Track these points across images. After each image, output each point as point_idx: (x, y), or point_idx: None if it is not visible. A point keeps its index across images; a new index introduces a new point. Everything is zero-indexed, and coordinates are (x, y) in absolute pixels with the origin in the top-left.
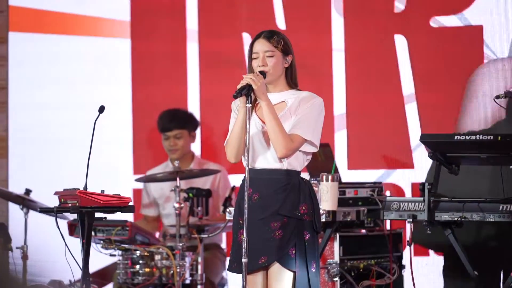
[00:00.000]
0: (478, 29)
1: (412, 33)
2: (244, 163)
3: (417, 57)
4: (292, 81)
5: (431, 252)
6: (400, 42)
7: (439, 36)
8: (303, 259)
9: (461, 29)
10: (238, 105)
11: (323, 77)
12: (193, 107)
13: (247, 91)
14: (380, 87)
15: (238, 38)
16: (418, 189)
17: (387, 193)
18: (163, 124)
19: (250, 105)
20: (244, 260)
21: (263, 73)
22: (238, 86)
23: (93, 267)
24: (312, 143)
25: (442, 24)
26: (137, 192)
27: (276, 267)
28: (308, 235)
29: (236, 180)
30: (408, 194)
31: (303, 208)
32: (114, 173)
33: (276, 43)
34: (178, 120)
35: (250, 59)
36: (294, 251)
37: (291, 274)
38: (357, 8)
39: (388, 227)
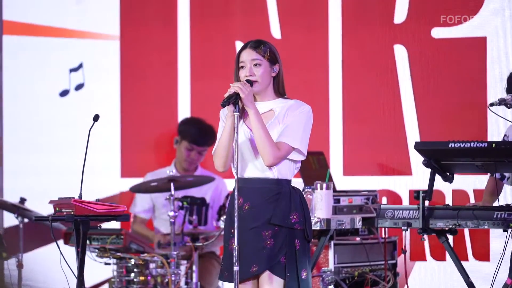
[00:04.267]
0: (482, 40)
1: (412, 43)
2: (234, 172)
3: (417, 67)
4: (279, 90)
5: (428, 256)
6: (400, 52)
7: (440, 47)
8: (293, 267)
9: (463, 40)
10: (226, 114)
11: (319, 85)
12: (184, 114)
13: (234, 99)
14: (378, 96)
15: (231, 46)
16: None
17: (384, 199)
18: (194, 136)
19: (238, 113)
20: (235, 268)
21: (250, 82)
22: (226, 95)
23: (88, 276)
24: (299, 151)
25: (443, 35)
26: (124, 195)
27: (266, 276)
28: (299, 244)
29: (230, 185)
30: (406, 201)
31: (294, 217)
32: (102, 177)
33: (263, 52)
34: (210, 138)
35: (237, 68)
36: (284, 259)
37: (281, 281)
38: (355, 17)
39: (384, 234)
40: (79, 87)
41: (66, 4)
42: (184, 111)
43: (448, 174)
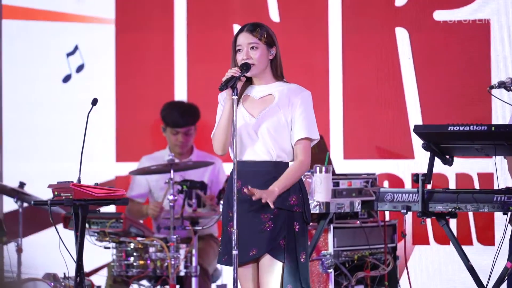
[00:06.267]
0: (486, 23)
1: (414, 26)
2: (232, 155)
3: (419, 50)
4: (278, 73)
5: (431, 240)
6: (401, 35)
7: (443, 30)
8: (292, 250)
9: (467, 23)
10: (224, 98)
11: (319, 68)
12: (180, 98)
13: (232, 83)
14: (379, 79)
15: (229, 30)
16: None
17: (386, 183)
18: (174, 119)
19: (236, 97)
20: (234, 252)
21: (247, 65)
22: (224, 79)
23: (87, 260)
24: (316, 138)
25: (446, 17)
26: (120, 179)
27: (266, 259)
28: (298, 226)
29: (228, 169)
30: (408, 184)
31: (293, 199)
32: (97, 161)
33: (260, 35)
34: (191, 116)
35: (234, 52)
36: (284, 242)
37: (280, 264)
38: (356, 0)
39: (387, 217)
40: (79, 68)
41: None
42: (180, 94)
43: (448, 157)
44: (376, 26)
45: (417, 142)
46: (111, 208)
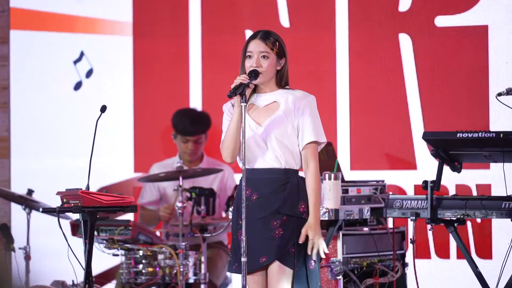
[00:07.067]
0: (483, 29)
1: (416, 32)
2: (240, 164)
3: (421, 56)
4: (281, 83)
5: (433, 254)
6: (405, 41)
7: (444, 36)
8: (301, 257)
9: (466, 29)
10: (229, 108)
11: (326, 75)
12: (195, 105)
13: (241, 90)
14: (383, 86)
15: (241, 36)
16: (421, 190)
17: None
18: (184, 127)
19: (245, 104)
20: (243, 259)
21: (256, 72)
22: (232, 86)
23: (96, 267)
24: (324, 141)
25: (447, 23)
26: (137, 190)
27: (275, 266)
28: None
29: (238, 178)
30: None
31: (302, 206)
32: (115, 171)
33: (272, 45)
34: (201, 124)
35: (244, 57)
36: (293, 249)
37: (290, 271)
38: (361, 6)
39: (391, 224)
40: (89, 73)
41: None
42: (195, 102)
43: (456, 164)
44: (381, 32)
45: (419, 153)
46: (126, 215)
